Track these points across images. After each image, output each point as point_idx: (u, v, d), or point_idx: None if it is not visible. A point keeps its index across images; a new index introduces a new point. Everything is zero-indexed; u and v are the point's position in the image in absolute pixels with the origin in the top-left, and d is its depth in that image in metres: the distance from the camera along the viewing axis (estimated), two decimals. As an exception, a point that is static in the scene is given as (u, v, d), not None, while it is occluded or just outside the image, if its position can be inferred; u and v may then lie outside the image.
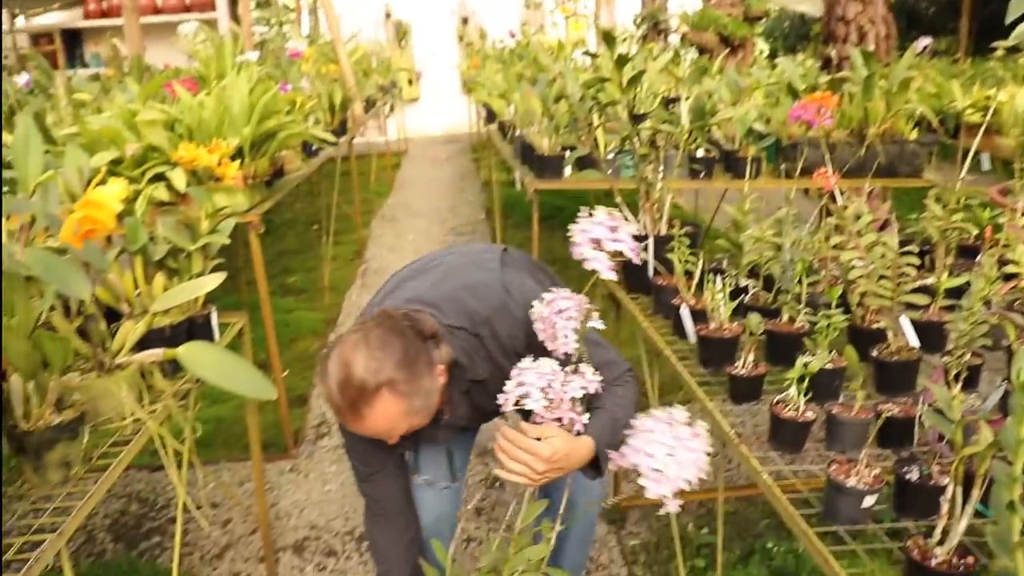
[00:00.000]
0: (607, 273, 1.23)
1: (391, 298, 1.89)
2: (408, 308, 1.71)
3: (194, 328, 2.18)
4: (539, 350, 1.57)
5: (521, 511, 1.45)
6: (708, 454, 1.00)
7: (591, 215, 1.27)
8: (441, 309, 1.74)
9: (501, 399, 1.34)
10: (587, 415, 1.47)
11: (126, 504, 3.27)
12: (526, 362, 1.35)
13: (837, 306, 1.81)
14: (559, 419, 1.40)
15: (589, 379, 1.36)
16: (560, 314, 1.32)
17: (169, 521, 3.15)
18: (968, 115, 5.24)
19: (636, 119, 2.44)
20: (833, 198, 2.00)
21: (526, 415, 1.46)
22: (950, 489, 1.19)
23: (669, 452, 0.94)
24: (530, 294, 1.69)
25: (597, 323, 1.33)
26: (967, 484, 1.18)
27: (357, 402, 1.50)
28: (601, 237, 1.22)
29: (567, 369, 1.37)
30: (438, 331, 1.68)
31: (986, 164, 4.27)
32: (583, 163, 3.67)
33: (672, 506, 1.12)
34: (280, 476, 3.47)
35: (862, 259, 1.86)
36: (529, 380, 1.31)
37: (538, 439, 1.45)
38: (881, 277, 1.88)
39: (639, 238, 2.44)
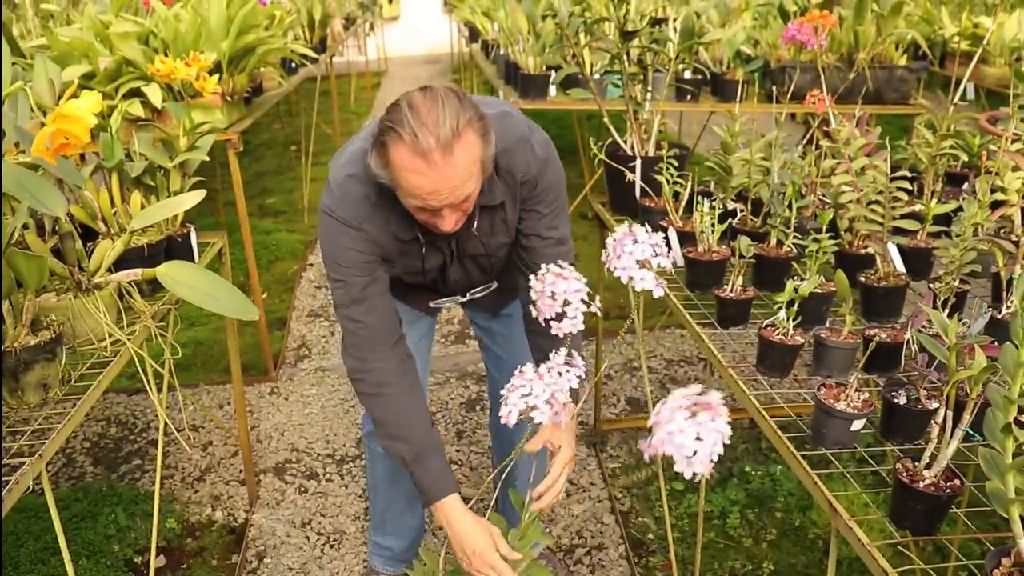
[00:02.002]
0: (659, 291, 1.21)
1: None
2: None
3: (173, 248, 2.14)
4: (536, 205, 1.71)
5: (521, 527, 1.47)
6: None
7: (629, 228, 1.24)
8: None
9: (504, 412, 1.28)
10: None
11: (105, 427, 3.26)
12: (528, 371, 1.31)
13: (825, 231, 1.79)
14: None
15: (580, 364, 1.33)
16: (567, 294, 1.27)
17: (149, 444, 3.15)
18: (955, 43, 5.18)
19: (626, 36, 2.37)
20: (826, 122, 1.96)
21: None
22: (940, 413, 1.19)
23: (697, 437, 0.95)
24: (549, 144, 1.74)
25: (596, 307, 1.29)
26: (957, 409, 1.18)
27: (450, 140, 1.39)
28: (647, 257, 1.20)
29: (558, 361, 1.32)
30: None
31: (970, 93, 4.23)
32: (569, 83, 3.60)
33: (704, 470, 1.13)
34: (260, 399, 3.46)
35: (853, 184, 1.83)
36: (537, 391, 1.28)
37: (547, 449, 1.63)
38: (872, 202, 1.86)
39: (628, 159, 2.40)
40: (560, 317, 1.26)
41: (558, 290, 1.25)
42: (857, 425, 1.33)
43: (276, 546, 2.63)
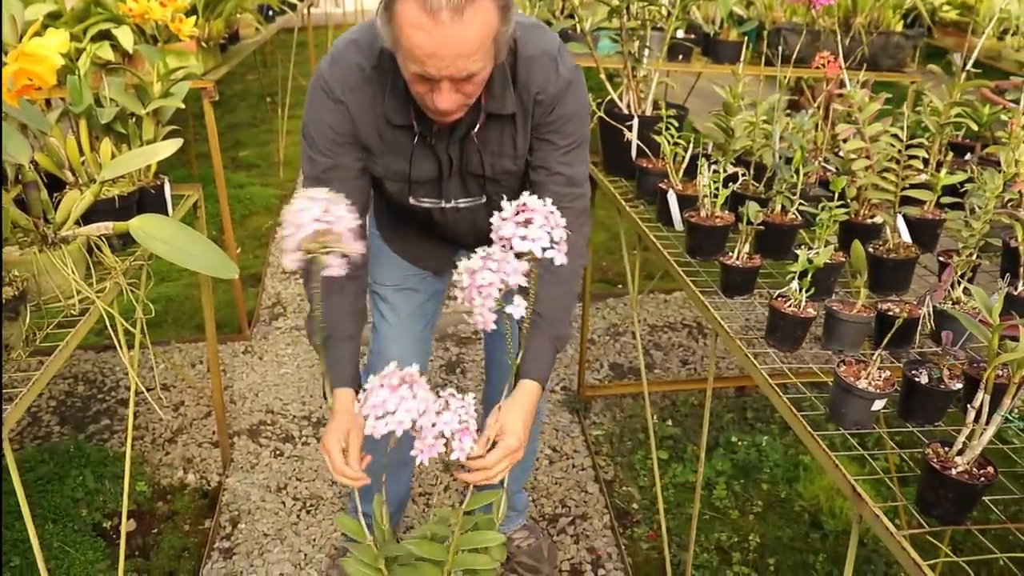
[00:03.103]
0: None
1: None
2: None
3: (145, 200, 2.02)
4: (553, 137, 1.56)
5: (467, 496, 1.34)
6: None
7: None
8: None
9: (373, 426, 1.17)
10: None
11: (72, 385, 3.14)
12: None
13: (831, 199, 1.71)
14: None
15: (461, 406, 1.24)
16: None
17: (118, 403, 3.04)
18: (944, 12, 5.10)
19: (626, -10, 2.26)
20: (842, 84, 1.87)
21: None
22: (979, 396, 1.12)
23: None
24: (578, 71, 1.59)
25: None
26: (995, 392, 1.12)
27: (462, 2, 1.24)
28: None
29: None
30: None
31: (957, 62, 4.17)
32: (561, 38, 3.47)
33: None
34: (234, 358, 3.36)
35: (866, 150, 1.75)
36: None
37: (494, 440, 1.40)
38: (883, 170, 1.78)
39: (624, 118, 2.30)
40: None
41: (486, 281, 1.12)
42: (878, 405, 1.27)
43: (251, 511, 2.54)
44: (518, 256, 1.10)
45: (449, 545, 1.23)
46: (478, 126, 1.55)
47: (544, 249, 1.09)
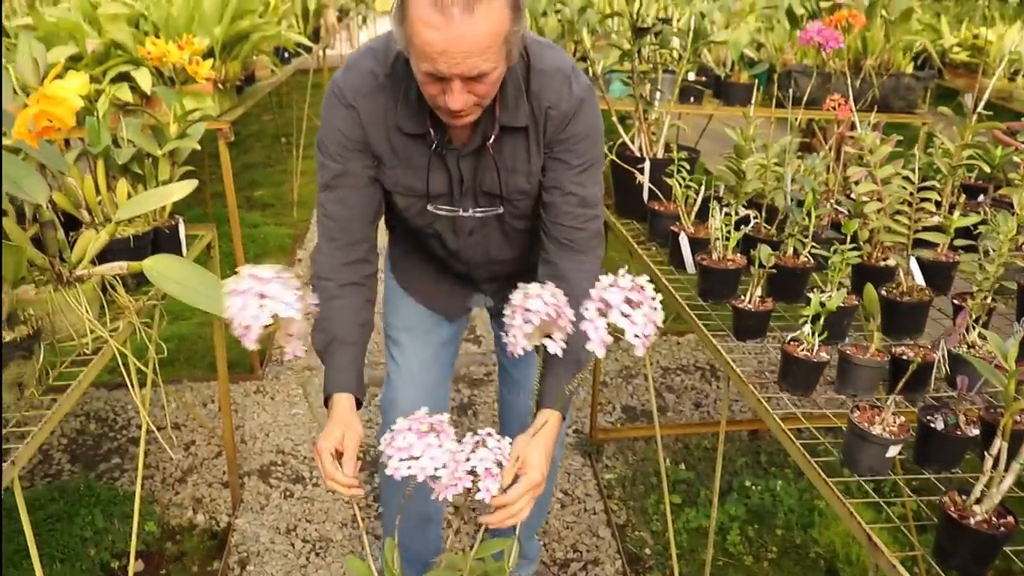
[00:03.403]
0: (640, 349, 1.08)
1: None
2: None
3: (160, 240, 2.03)
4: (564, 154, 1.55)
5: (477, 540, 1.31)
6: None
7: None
8: None
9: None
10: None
11: (84, 423, 3.14)
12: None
13: (843, 242, 1.71)
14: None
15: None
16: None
17: (129, 442, 3.03)
18: (955, 53, 5.12)
19: (638, 33, 2.29)
20: (853, 126, 1.88)
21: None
22: (996, 444, 1.11)
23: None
24: (591, 91, 1.58)
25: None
26: (1013, 439, 1.10)
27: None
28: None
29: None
30: None
31: (968, 103, 4.18)
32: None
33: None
34: (245, 398, 3.36)
35: (878, 193, 1.75)
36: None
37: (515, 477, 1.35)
38: (896, 212, 1.78)
39: (636, 160, 2.31)
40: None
41: (534, 308, 1.12)
42: (893, 451, 1.25)
43: (259, 553, 2.52)
44: (612, 331, 1.09)
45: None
46: (492, 138, 1.53)
47: (635, 336, 1.08)
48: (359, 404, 1.55)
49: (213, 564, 2.49)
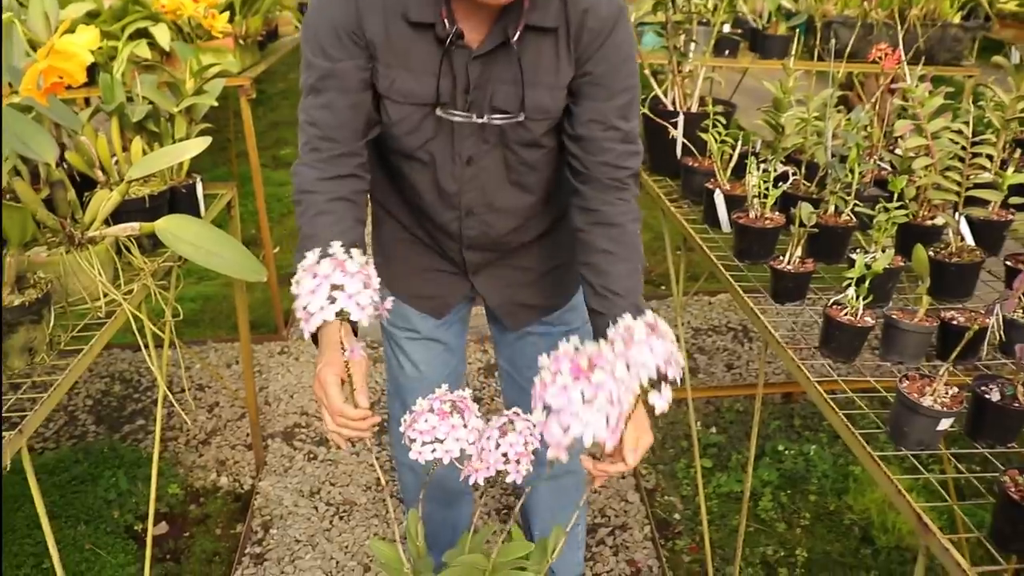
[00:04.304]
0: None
1: None
2: None
3: (177, 199, 1.98)
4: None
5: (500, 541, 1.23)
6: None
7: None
8: None
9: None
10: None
11: (108, 385, 3.13)
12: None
13: (888, 200, 1.62)
14: None
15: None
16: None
17: (153, 403, 3.01)
18: (1003, 2, 4.91)
19: (672, -19, 2.18)
20: (893, 79, 1.77)
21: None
22: (1061, 419, 1.03)
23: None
24: (625, 10, 1.37)
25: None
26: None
27: None
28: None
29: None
30: None
31: (1015, 57, 4.01)
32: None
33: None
34: (270, 358, 3.32)
35: (928, 148, 1.65)
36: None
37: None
38: (946, 168, 1.68)
39: (669, 114, 2.21)
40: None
41: (635, 360, 0.93)
42: (945, 424, 1.17)
43: (283, 516, 2.50)
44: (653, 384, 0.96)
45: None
46: (516, 35, 1.30)
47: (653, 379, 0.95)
48: (355, 331, 1.34)
49: (236, 527, 2.47)
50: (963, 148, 1.63)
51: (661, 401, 0.96)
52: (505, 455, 1.09)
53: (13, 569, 2.20)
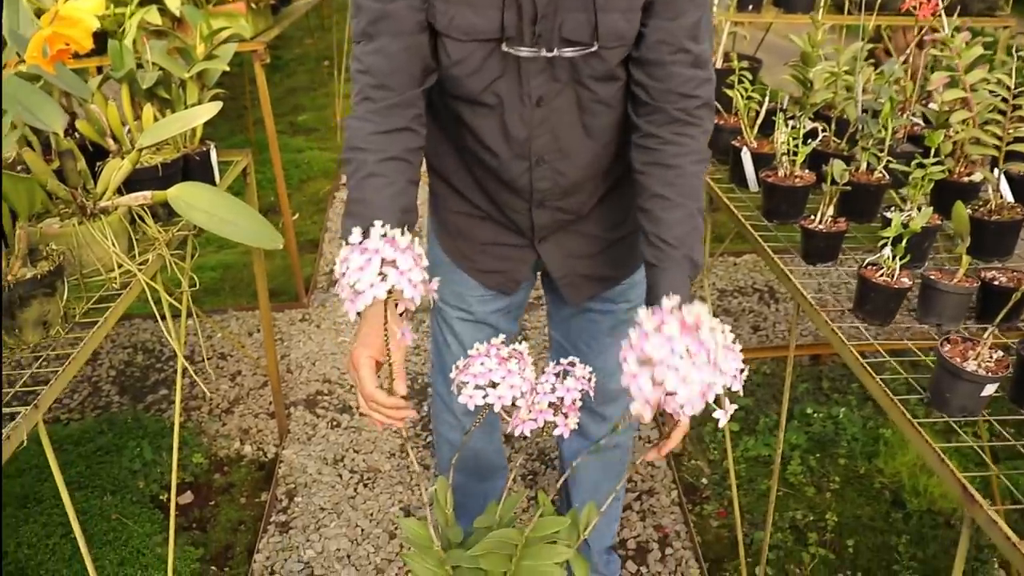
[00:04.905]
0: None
1: None
2: None
3: (191, 167, 1.94)
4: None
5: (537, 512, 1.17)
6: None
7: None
8: None
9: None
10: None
11: (131, 355, 3.12)
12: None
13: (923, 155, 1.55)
14: None
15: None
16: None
17: (176, 373, 3.00)
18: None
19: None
20: (932, 30, 1.70)
21: None
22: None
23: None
24: None
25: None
26: None
27: None
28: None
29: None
30: None
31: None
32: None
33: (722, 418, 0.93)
34: (291, 326, 3.31)
35: (966, 100, 1.58)
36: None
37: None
38: (986, 122, 1.61)
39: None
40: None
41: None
42: (989, 389, 1.12)
43: (307, 484, 2.49)
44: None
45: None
46: None
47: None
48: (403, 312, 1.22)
49: (261, 495, 2.46)
50: (1004, 100, 1.56)
51: (724, 417, 0.94)
52: (555, 406, 1.05)
53: (43, 539, 2.21)
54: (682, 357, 0.84)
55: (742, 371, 0.97)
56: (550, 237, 1.53)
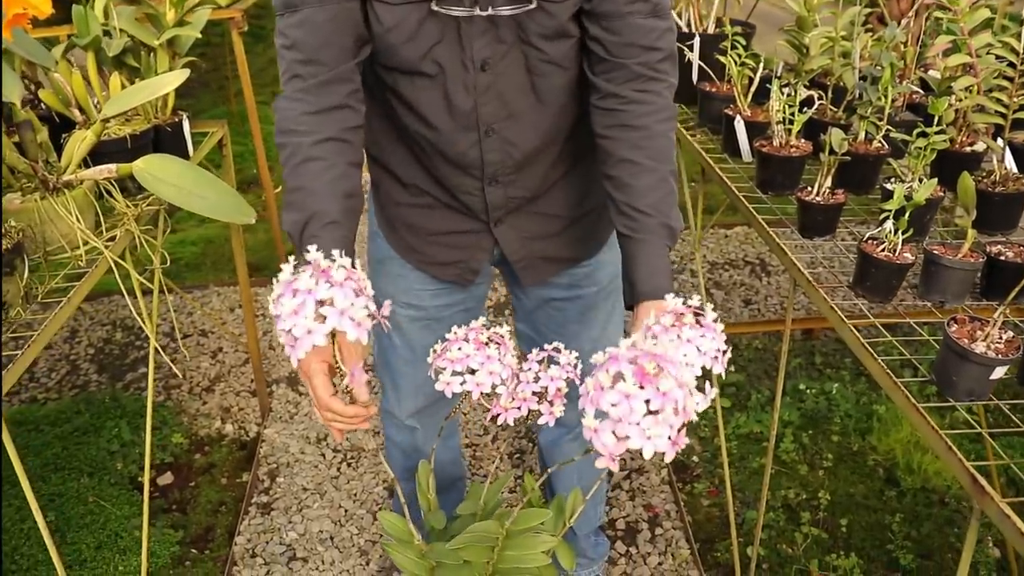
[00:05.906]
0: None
1: None
2: None
3: (162, 139, 1.86)
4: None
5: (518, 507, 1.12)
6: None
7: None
8: None
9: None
10: None
11: (110, 332, 3.05)
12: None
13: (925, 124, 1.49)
14: None
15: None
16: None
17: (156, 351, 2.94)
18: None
19: None
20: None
21: None
22: None
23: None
24: None
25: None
26: None
27: None
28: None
29: None
30: None
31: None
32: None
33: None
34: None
35: (972, 66, 1.51)
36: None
37: None
38: (991, 89, 1.54)
39: (684, 36, 2.07)
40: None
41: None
42: (999, 372, 1.06)
43: (289, 463, 2.43)
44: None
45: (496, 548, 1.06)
46: None
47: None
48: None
49: (242, 476, 2.40)
50: (1011, 66, 1.49)
51: (703, 403, 0.85)
52: (540, 393, 0.98)
53: (18, 523, 2.15)
54: (644, 414, 0.77)
55: (724, 352, 0.93)
56: (506, 219, 1.42)
